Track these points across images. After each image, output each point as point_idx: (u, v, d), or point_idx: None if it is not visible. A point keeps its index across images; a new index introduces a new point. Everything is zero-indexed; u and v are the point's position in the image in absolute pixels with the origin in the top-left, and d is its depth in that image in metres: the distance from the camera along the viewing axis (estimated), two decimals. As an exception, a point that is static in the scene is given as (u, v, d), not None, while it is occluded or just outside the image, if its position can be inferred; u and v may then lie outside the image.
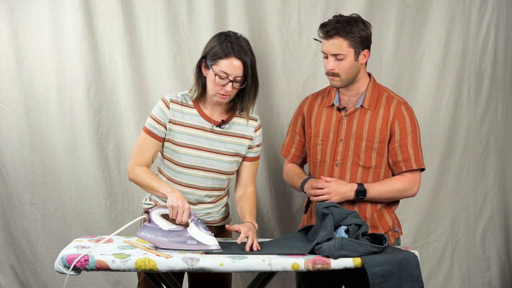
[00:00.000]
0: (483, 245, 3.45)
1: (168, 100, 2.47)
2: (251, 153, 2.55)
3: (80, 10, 3.10)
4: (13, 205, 3.26)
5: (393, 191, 2.55)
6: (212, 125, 2.48)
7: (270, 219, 3.32)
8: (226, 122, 2.49)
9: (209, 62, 2.38)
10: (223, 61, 2.35)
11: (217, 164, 2.48)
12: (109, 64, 3.17)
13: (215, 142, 2.48)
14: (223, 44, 2.37)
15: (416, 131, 2.56)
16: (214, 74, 2.36)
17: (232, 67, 2.35)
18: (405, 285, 2.18)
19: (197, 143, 2.46)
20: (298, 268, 2.13)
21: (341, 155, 2.56)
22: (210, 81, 2.39)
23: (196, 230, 2.24)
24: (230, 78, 2.36)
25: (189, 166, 2.47)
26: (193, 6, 3.16)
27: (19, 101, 3.19)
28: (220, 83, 2.37)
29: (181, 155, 2.46)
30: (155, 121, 2.46)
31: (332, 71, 2.49)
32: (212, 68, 2.37)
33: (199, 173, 2.48)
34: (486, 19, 3.27)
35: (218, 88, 2.38)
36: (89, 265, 2.11)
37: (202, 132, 2.47)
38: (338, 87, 2.55)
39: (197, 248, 2.21)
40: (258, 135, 2.55)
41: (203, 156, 2.47)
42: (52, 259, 3.19)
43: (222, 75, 2.36)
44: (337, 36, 2.45)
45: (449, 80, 3.28)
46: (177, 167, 2.49)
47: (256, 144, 2.55)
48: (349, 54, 2.47)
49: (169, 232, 2.25)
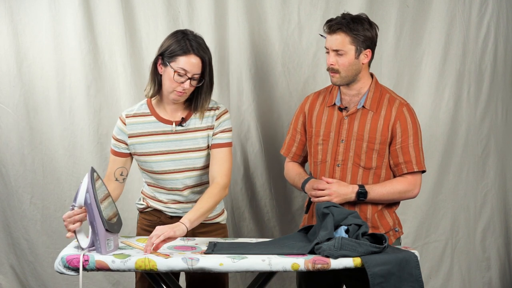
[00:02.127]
0: (483, 245, 3.45)
1: (124, 116, 2.50)
2: (215, 140, 2.49)
3: (80, 10, 3.10)
4: (13, 205, 3.26)
5: (394, 193, 2.55)
6: (173, 126, 2.47)
7: (270, 219, 3.32)
8: (186, 120, 2.48)
9: (167, 60, 2.37)
10: (182, 58, 2.35)
11: (189, 162, 2.48)
12: (109, 64, 3.17)
13: (180, 142, 2.47)
14: (181, 41, 2.37)
15: (417, 133, 2.55)
16: (173, 71, 2.36)
17: (191, 64, 2.36)
18: (405, 285, 2.18)
19: (162, 148, 2.47)
20: (298, 268, 2.12)
21: (342, 155, 2.56)
22: (168, 79, 2.39)
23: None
24: (188, 75, 2.37)
25: (164, 171, 2.48)
26: (193, 6, 3.16)
27: (19, 101, 3.20)
28: (179, 80, 2.37)
29: (152, 164, 2.48)
30: (114, 139, 2.52)
31: (332, 67, 2.49)
32: (170, 65, 2.37)
33: (176, 176, 2.48)
34: (486, 19, 3.27)
35: (175, 85, 2.38)
36: (89, 265, 2.11)
37: (164, 136, 2.47)
38: (338, 84, 2.54)
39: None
40: (222, 121, 2.49)
41: (173, 158, 2.47)
42: (52, 259, 3.19)
43: (181, 72, 2.36)
44: (340, 32, 2.45)
45: (449, 80, 3.28)
46: (154, 175, 2.51)
47: (220, 130, 2.49)
48: (350, 51, 2.47)
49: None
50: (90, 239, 2.18)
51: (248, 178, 3.29)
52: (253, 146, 3.26)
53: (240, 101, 3.22)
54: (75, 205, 2.18)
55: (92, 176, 2.17)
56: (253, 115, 3.23)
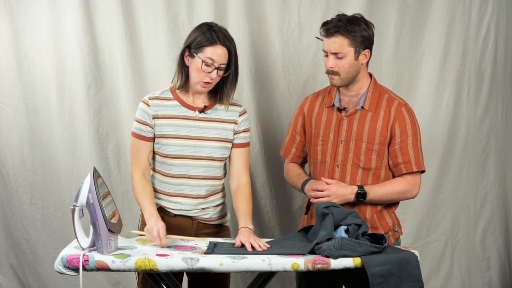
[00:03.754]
0: (483, 245, 3.45)
1: (147, 99, 2.52)
2: (238, 139, 2.56)
3: (80, 10, 3.10)
4: (13, 205, 3.26)
5: (393, 193, 2.54)
6: (196, 112, 2.51)
7: (270, 219, 3.32)
8: (209, 108, 2.52)
9: (194, 51, 2.43)
10: (209, 48, 2.41)
11: (206, 150, 2.50)
12: (109, 64, 3.17)
13: (201, 129, 2.50)
14: (207, 33, 2.43)
15: (416, 133, 2.55)
16: (201, 61, 2.41)
17: (218, 54, 2.41)
18: (405, 285, 2.18)
19: (183, 132, 2.49)
20: (298, 268, 2.12)
21: (341, 156, 2.56)
22: (195, 69, 2.44)
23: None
24: (215, 65, 2.42)
25: (179, 156, 2.49)
26: (193, 6, 3.16)
27: (19, 101, 3.19)
28: (206, 70, 2.42)
29: (170, 147, 2.49)
30: (140, 123, 2.50)
31: (332, 70, 2.49)
32: (198, 56, 2.42)
33: (189, 162, 2.50)
34: (486, 19, 3.27)
35: (202, 76, 2.43)
36: (89, 265, 2.11)
37: (186, 121, 2.50)
38: (338, 86, 2.54)
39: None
40: (243, 120, 2.57)
41: (191, 144, 2.49)
42: (52, 259, 3.19)
43: (209, 61, 2.41)
44: (338, 34, 2.45)
45: (449, 80, 3.28)
46: (167, 159, 2.51)
47: (242, 129, 2.57)
48: (349, 53, 2.46)
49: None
50: (90, 239, 2.19)
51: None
52: (253, 146, 3.26)
53: (240, 101, 3.21)
54: (76, 205, 2.18)
55: (95, 176, 2.17)
56: (253, 115, 3.23)
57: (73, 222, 2.20)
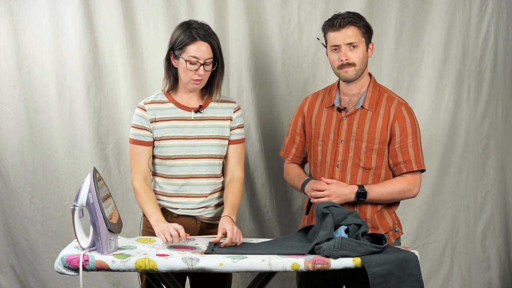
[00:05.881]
0: (483, 245, 3.45)
1: (143, 104, 2.53)
2: (233, 135, 2.58)
3: (80, 10, 3.10)
4: (13, 205, 3.26)
5: (394, 193, 2.54)
6: (192, 112, 2.53)
7: (270, 219, 3.32)
8: (204, 107, 2.54)
9: (177, 52, 2.45)
10: (191, 46, 2.43)
11: (205, 149, 2.52)
12: (109, 64, 3.17)
13: (198, 129, 2.52)
14: (186, 31, 2.44)
15: (416, 132, 2.55)
16: (185, 61, 2.42)
17: (201, 50, 2.43)
18: (405, 285, 2.18)
19: (181, 133, 2.51)
20: (298, 268, 2.12)
21: (341, 156, 2.56)
22: (182, 70, 2.46)
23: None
24: (200, 61, 2.43)
25: (179, 157, 2.51)
26: (193, 6, 3.16)
27: (19, 101, 3.20)
28: (192, 68, 2.43)
29: (169, 148, 2.50)
30: (137, 128, 2.51)
31: (348, 61, 2.49)
32: (181, 56, 2.43)
33: (189, 162, 2.51)
34: (486, 19, 3.27)
35: (191, 74, 2.45)
36: (89, 265, 2.11)
37: (183, 122, 2.52)
38: (352, 79, 2.53)
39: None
40: (238, 116, 2.59)
41: (190, 144, 2.51)
42: (52, 259, 3.19)
43: (193, 60, 2.42)
44: (350, 25, 2.47)
45: (449, 80, 3.28)
46: (167, 161, 2.52)
47: (237, 125, 2.59)
48: (362, 43, 2.49)
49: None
50: (90, 239, 2.19)
51: (248, 178, 3.29)
52: (253, 146, 3.26)
53: (240, 101, 3.21)
54: (76, 205, 2.18)
55: (95, 176, 2.17)
56: (253, 115, 3.23)
57: (73, 222, 2.20)
